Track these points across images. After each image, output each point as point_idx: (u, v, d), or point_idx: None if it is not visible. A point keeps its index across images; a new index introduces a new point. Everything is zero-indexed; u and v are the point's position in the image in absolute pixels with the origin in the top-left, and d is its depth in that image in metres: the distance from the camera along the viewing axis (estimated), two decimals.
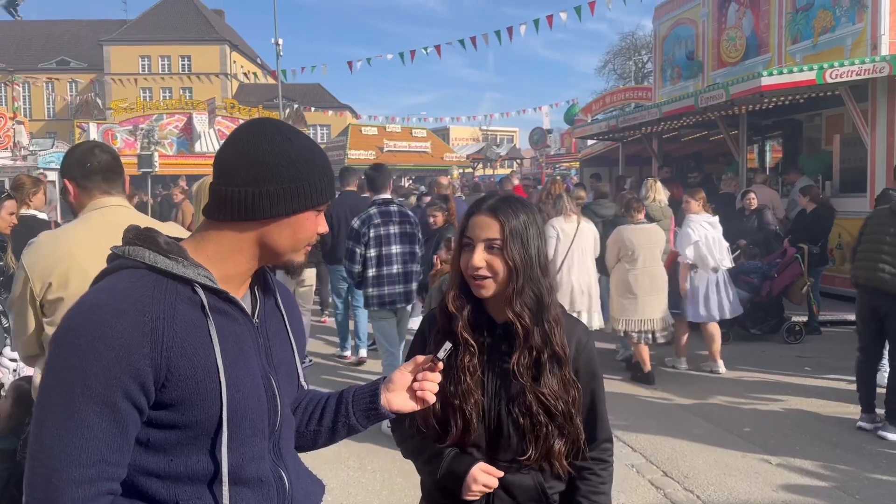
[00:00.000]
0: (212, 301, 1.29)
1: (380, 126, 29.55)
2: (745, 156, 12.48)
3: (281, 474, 1.41)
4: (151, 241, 1.30)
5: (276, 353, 1.44)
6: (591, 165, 19.76)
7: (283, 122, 1.46)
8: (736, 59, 13.71)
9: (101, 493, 1.18)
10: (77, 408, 1.16)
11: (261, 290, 1.46)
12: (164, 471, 1.26)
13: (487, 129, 43.84)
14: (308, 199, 1.35)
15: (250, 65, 57.31)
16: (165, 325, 1.22)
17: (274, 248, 1.37)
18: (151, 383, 1.21)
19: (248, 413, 1.32)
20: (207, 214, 1.36)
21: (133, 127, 28.19)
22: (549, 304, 1.75)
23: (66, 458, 1.15)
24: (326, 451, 4.90)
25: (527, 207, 1.78)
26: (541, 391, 1.71)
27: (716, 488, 4.44)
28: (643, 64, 41.49)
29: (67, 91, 52.23)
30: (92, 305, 1.22)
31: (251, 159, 1.32)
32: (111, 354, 1.17)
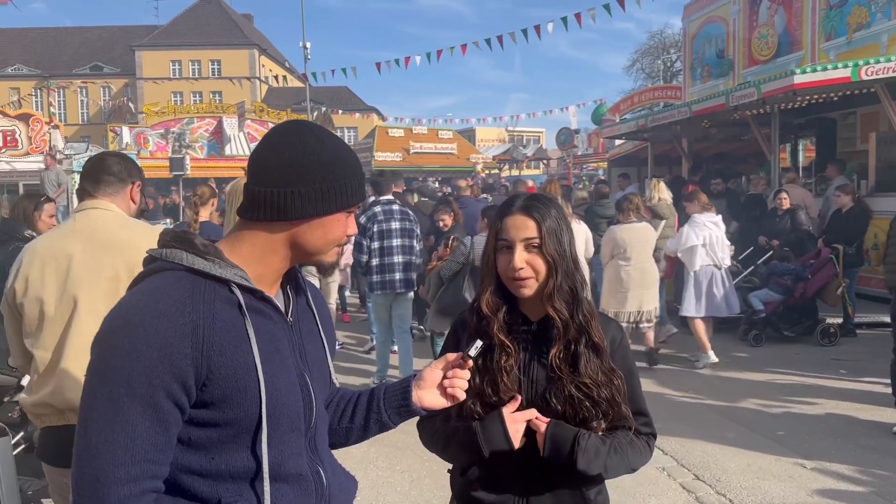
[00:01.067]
0: (248, 300, 1.31)
1: (406, 128, 29.62)
2: (777, 155, 12.27)
3: (318, 470, 1.43)
4: (188, 243, 1.32)
5: (310, 351, 1.46)
6: (620, 165, 19.59)
7: (316, 124, 1.47)
8: (768, 57, 13.51)
9: (145, 490, 1.20)
10: (121, 408, 1.19)
11: (292, 289, 1.48)
12: (205, 469, 1.28)
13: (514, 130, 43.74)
14: (339, 201, 1.38)
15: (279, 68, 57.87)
16: (205, 325, 1.24)
17: (305, 247, 1.39)
18: (192, 382, 1.23)
19: (285, 410, 1.34)
20: (241, 214, 1.38)
21: (165, 130, 28.65)
22: (582, 297, 1.76)
23: (111, 457, 1.18)
24: (356, 452, 4.95)
25: (554, 203, 1.81)
26: (581, 381, 1.71)
27: (749, 492, 4.37)
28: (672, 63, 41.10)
29: (101, 96, 53.22)
30: (133, 307, 1.25)
31: (284, 161, 1.34)
32: (153, 355, 1.20)
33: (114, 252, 2.38)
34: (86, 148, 21.59)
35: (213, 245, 1.35)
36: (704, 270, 7.30)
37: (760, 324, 8.20)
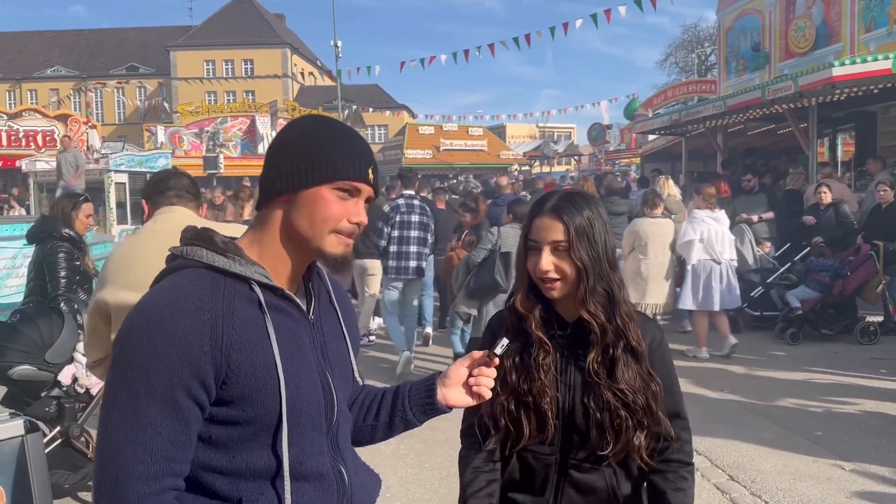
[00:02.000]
0: (268, 298, 1.30)
1: (436, 125, 29.66)
2: (815, 149, 12.03)
3: (340, 469, 1.41)
4: (209, 241, 1.32)
5: (332, 349, 1.44)
6: (653, 161, 19.38)
7: (325, 116, 1.46)
8: (805, 50, 13.25)
9: (165, 488, 1.21)
10: (141, 406, 1.19)
11: (314, 287, 1.46)
12: (226, 467, 1.28)
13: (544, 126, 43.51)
14: (320, 173, 1.31)
15: (310, 67, 58.34)
16: (225, 323, 1.23)
17: (297, 231, 1.33)
18: (212, 380, 1.23)
19: (306, 408, 1.33)
20: (257, 209, 1.40)
21: (199, 130, 29.09)
22: (620, 299, 1.72)
23: (131, 455, 1.18)
24: (385, 449, 4.96)
25: (590, 202, 1.75)
26: (618, 387, 1.68)
27: (785, 494, 4.28)
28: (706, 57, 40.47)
29: (136, 96, 54.17)
30: (152, 305, 1.24)
31: (275, 144, 1.37)
32: (172, 353, 1.19)
33: None
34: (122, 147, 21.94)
35: (234, 242, 1.34)
36: (703, 265, 7.44)
37: (798, 322, 8.03)
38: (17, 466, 1.52)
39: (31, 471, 1.53)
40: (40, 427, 1.51)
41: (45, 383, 4.12)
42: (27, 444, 1.53)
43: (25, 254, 7.70)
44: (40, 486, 1.54)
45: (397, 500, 4.33)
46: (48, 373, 4.00)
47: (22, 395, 4.13)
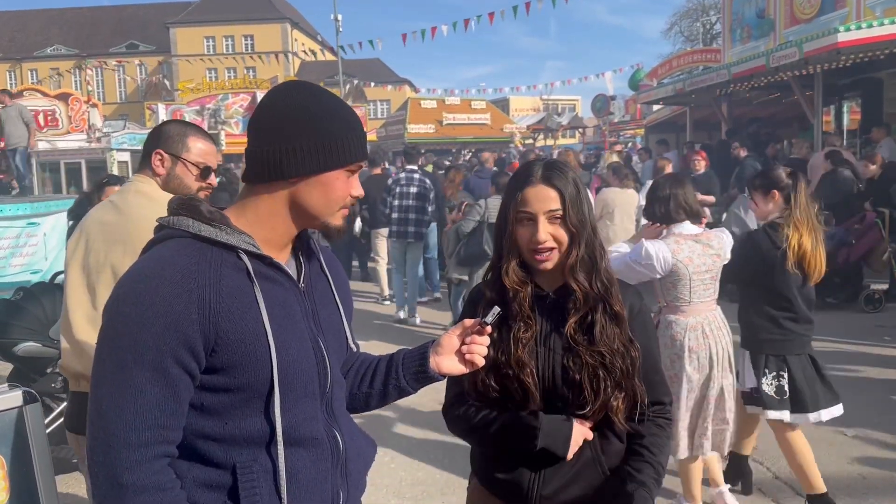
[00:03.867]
0: (256, 266, 1.31)
1: (439, 99, 29.41)
2: (820, 118, 11.92)
3: (335, 434, 1.42)
4: (195, 210, 1.32)
5: (324, 316, 1.45)
6: (657, 132, 19.25)
7: (313, 83, 1.44)
8: (810, 16, 13.07)
9: (157, 455, 1.22)
10: (130, 375, 1.20)
11: (305, 255, 1.46)
12: (219, 434, 1.29)
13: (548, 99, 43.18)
14: (336, 157, 1.34)
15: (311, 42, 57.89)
16: (212, 292, 1.24)
17: (307, 208, 1.36)
18: (201, 348, 1.23)
19: (298, 375, 1.33)
20: (244, 179, 1.37)
21: (200, 107, 28.95)
22: (601, 265, 1.72)
23: (122, 424, 1.19)
24: (388, 422, 5.00)
25: (571, 169, 1.76)
26: (597, 350, 1.68)
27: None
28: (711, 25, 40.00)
29: (137, 74, 53.91)
30: (139, 275, 1.25)
31: (277, 118, 1.33)
32: (160, 322, 1.20)
33: None
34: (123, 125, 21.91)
35: (220, 212, 1.34)
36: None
37: None
38: (16, 437, 1.54)
39: (31, 441, 1.54)
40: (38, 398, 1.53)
41: (50, 359, 4.16)
42: (26, 414, 1.54)
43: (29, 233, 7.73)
44: (41, 457, 1.55)
45: (402, 469, 4.38)
46: (53, 349, 4.03)
47: (28, 371, 4.17)
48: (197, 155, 2.39)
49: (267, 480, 1.30)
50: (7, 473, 1.50)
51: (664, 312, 3.41)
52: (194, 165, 2.37)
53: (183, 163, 2.36)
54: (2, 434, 1.49)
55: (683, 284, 3.27)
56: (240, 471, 1.28)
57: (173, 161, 2.35)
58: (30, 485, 1.52)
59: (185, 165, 2.36)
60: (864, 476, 4.08)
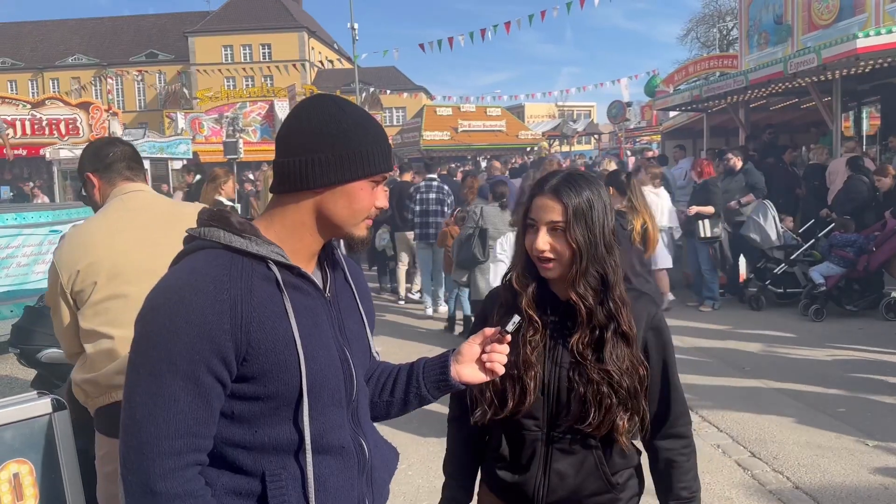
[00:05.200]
0: (285, 276, 1.33)
1: (454, 106, 29.44)
2: (839, 123, 11.81)
3: (361, 442, 1.45)
4: (225, 222, 1.34)
5: (349, 325, 1.47)
6: (673, 138, 19.14)
7: (339, 96, 1.47)
8: (829, 22, 12.97)
9: (189, 463, 1.24)
10: (163, 384, 1.22)
11: (330, 265, 1.49)
12: (249, 442, 1.31)
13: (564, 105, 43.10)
14: (360, 168, 1.37)
15: (328, 50, 58.24)
16: (243, 302, 1.26)
17: (332, 219, 1.39)
18: (233, 358, 1.25)
19: (326, 383, 1.36)
20: (272, 190, 1.40)
21: (218, 115, 29.20)
22: (614, 282, 1.72)
23: (156, 432, 1.21)
24: (407, 429, 5.01)
25: (592, 184, 1.74)
26: (604, 368, 1.69)
27: (807, 470, 4.27)
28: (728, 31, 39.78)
29: (156, 82, 54.50)
30: (173, 285, 1.27)
31: (304, 130, 1.36)
32: (193, 332, 1.22)
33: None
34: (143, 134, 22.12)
35: (250, 223, 1.37)
36: None
37: (821, 298, 7.95)
38: (45, 443, 1.57)
39: (59, 448, 1.57)
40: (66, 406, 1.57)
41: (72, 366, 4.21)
42: (55, 421, 1.57)
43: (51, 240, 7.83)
44: (69, 463, 1.58)
45: (419, 476, 4.38)
46: None
47: (51, 377, 4.23)
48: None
49: (296, 488, 1.32)
50: (36, 480, 1.53)
51: None
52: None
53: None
54: (31, 441, 1.53)
55: None
56: (269, 478, 1.30)
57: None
58: (58, 492, 1.55)
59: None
60: (886, 486, 4.03)
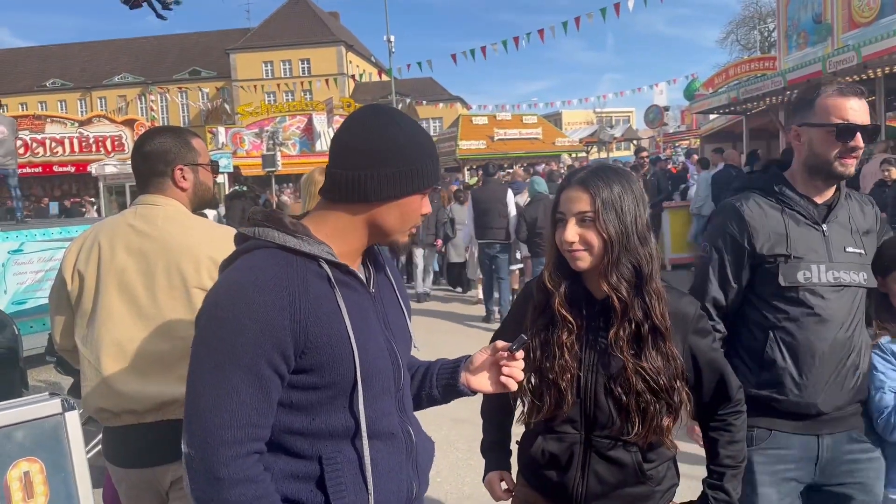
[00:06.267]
0: (336, 274, 1.41)
1: (490, 115, 29.47)
2: (883, 123, 11.50)
3: (408, 429, 1.52)
4: (279, 222, 1.42)
5: (392, 319, 1.55)
6: (713, 142, 18.87)
7: (394, 108, 1.55)
8: (870, 19, 12.64)
9: (249, 452, 1.31)
10: (227, 376, 1.29)
11: (371, 262, 1.56)
12: (307, 429, 1.38)
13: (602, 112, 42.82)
14: (415, 183, 1.44)
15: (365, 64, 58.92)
16: (301, 299, 1.33)
17: (383, 228, 1.47)
18: (292, 352, 1.33)
19: (377, 373, 1.43)
20: (324, 195, 1.47)
21: (259, 130, 29.73)
22: (648, 274, 1.70)
23: (219, 422, 1.28)
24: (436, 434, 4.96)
25: (622, 176, 1.73)
26: (641, 366, 1.68)
27: None
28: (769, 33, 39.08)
29: (199, 98, 55.78)
30: (235, 282, 1.34)
31: (364, 144, 1.42)
32: (256, 327, 1.29)
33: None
34: None
35: (301, 223, 1.44)
36: None
37: None
38: (55, 444, 1.62)
39: (69, 448, 1.62)
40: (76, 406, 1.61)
41: None
42: (65, 421, 1.62)
43: None
44: (79, 464, 1.63)
45: (448, 483, 4.39)
46: None
47: None
48: (204, 154, 2.37)
49: (352, 471, 1.39)
50: (46, 479, 1.58)
51: None
52: (208, 165, 2.36)
53: (202, 168, 2.34)
54: (42, 441, 1.58)
55: None
56: (326, 462, 1.38)
57: (193, 171, 2.32)
58: (68, 490, 1.60)
59: (204, 169, 2.35)
60: None
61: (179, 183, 2.28)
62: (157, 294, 2.12)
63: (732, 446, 1.85)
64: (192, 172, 2.31)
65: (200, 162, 2.35)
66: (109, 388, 2.08)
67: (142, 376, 2.08)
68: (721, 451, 1.85)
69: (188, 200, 2.32)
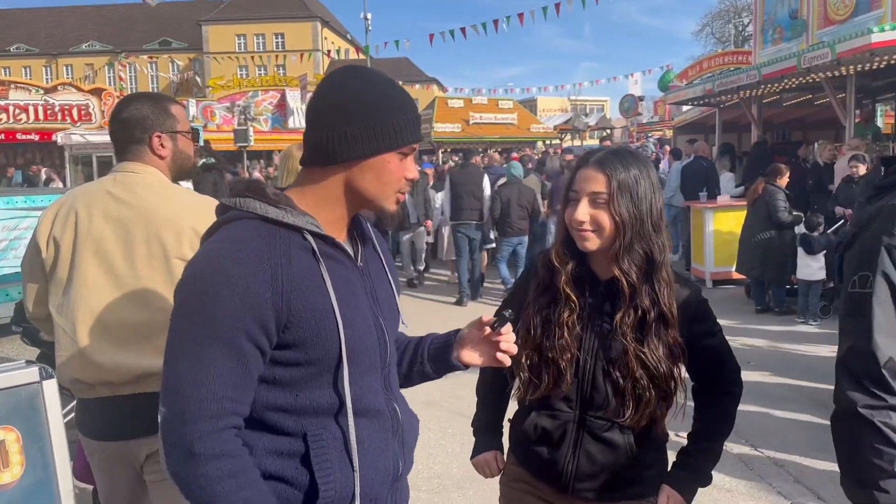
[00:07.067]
0: (321, 247, 1.35)
1: (466, 98, 29.36)
2: (852, 120, 11.70)
3: (394, 406, 1.49)
4: (260, 192, 1.36)
5: (380, 293, 1.50)
6: (686, 133, 19.05)
7: (369, 68, 1.47)
8: (844, 17, 12.83)
9: (227, 426, 1.26)
10: (205, 350, 1.24)
11: (359, 235, 1.52)
12: (291, 405, 1.34)
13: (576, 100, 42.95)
14: (386, 140, 1.37)
15: (341, 41, 58.21)
16: (283, 271, 1.28)
17: (361, 192, 1.40)
18: (273, 326, 1.28)
19: (363, 349, 1.39)
20: (302, 164, 1.42)
21: (230, 104, 29.20)
22: (660, 262, 1.69)
23: (196, 395, 1.23)
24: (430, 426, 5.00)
25: (640, 161, 1.71)
26: (643, 352, 1.67)
27: (808, 464, 4.25)
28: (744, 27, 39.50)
29: (169, 70, 54.63)
30: (215, 254, 1.29)
31: (329, 103, 1.37)
32: (236, 300, 1.24)
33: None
34: None
35: (284, 194, 1.39)
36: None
37: (828, 295, 7.89)
38: (32, 412, 1.57)
39: (46, 417, 1.57)
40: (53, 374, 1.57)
41: None
42: (43, 390, 1.57)
43: None
44: (56, 432, 1.58)
45: (420, 463, 4.38)
46: None
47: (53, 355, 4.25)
48: (183, 121, 2.31)
49: (337, 448, 1.36)
50: (22, 448, 1.53)
51: None
52: (188, 133, 2.30)
53: (182, 135, 2.27)
54: (18, 409, 1.53)
55: None
56: (311, 438, 1.34)
57: (172, 138, 2.25)
58: (45, 459, 1.55)
59: (184, 137, 2.28)
60: None
61: (157, 150, 2.22)
62: (136, 263, 2.06)
63: (713, 423, 1.88)
64: (170, 140, 2.25)
65: (179, 129, 2.28)
66: (85, 358, 2.04)
67: (119, 347, 2.03)
68: (701, 426, 1.88)
69: (167, 168, 2.26)
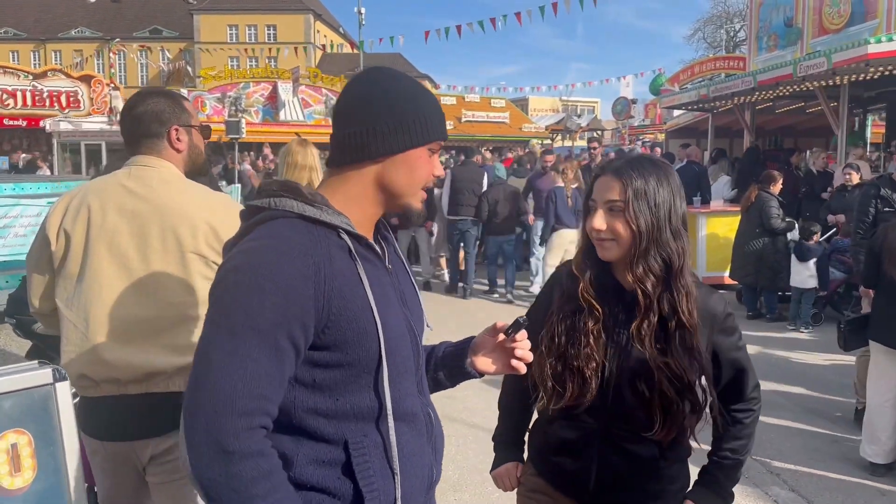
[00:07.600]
0: (355, 246, 1.33)
1: (458, 96, 29.31)
2: (844, 129, 11.78)
3: (428, 410, 1.46)
4: (296, 192, 1.34)
5: (407, 295, 1.48)
6: (678, 137, 19.10)
7: (392, 68, 1.47)
8: (839, 27, 12.91)
9: (258, 426, 1.21)
10: (242, 343, 1.19)
11: (382, 237, 1.50)
12: (331, 410, 1.30)
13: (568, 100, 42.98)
14: (417, 136, 1.38)
15: (333, 34, 58.00)
16: (326, 269, 1.25)
17: (392, 188, 1.39)
18: (313, 325, 1.25)
19: (399, 351, 1.37)
20: (330, 164, 1.41)
21: (221, 95, 28.98)
22: (678, 269, 1.67)
23: (231, 390, 1.17)
24: None
25: (659, 168, 1.70)
26: (665, 362, 1.65)
27: (803, 473, 4.26)
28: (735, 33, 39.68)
29: (160, 59, 54.13)
30: (259, 249, 1.26)
31: (360, 101, 1.37)
32: (278, 294, 1.21)
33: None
34: None
35: (319, 193, 1.37)
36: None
37: (820, 303, 7.93)
38: (44, 415, 1.53)
39: (59, 420, 1.53)
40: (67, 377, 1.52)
41: None
42: (55, 392, 1.53)
43: None
44: (69, 436, 1.54)
45: None
46: None
47: (46, 349, 4.19)
48: (195, 117, 2.30)
49: (378, 455, 1.32)
50: (34, 452, 1.49)
51: None
52: (199, 128, 2.28)
53: (195, 130, 2.26)
54: (30, 411, 1.49)
55: None
56: (352, 446, 1.30)
57: (188, 132, 2.23)
58: (57, 465, 1.51)
59: (196, 132, 2.26)
60: (883, 492, 4.02)
61: (175, 144, 2.20)
62: (150, 257, 2.03)
63: (736, 441, 1.85)
64: (186, 134, 2.23)
65: (193, 124, 2.27)
66: (94, 354, 1.99)
67: (128, 343, 1.99)
68: (724, 444, 1.86)
69: (182, 163, 2.24)
